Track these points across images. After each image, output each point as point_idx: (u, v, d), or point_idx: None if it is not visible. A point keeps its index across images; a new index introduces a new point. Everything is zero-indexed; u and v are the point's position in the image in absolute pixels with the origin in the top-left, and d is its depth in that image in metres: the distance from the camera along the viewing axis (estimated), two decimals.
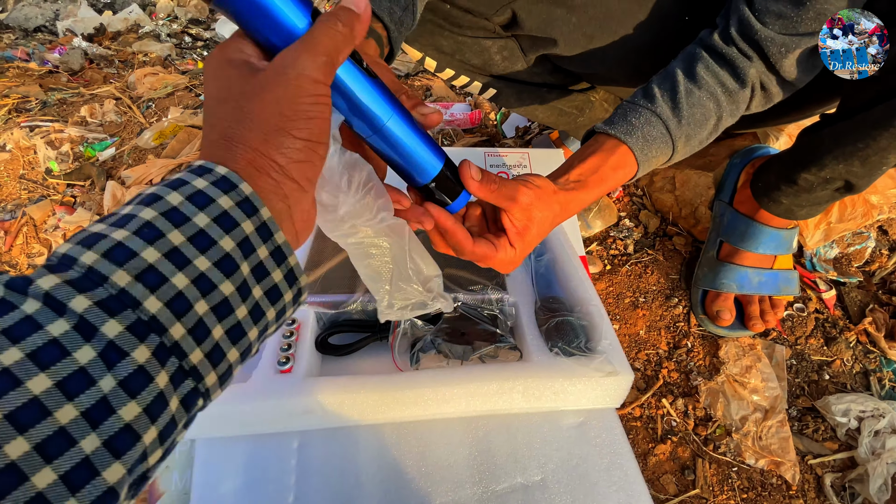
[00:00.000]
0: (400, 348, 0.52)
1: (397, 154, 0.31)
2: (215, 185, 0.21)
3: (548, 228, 0.43)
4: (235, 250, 0.20)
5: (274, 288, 0.22)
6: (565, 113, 0.83)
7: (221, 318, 0.19)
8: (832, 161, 0.57)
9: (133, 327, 0.17)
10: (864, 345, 0.73)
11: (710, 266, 0.74)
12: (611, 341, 0.48)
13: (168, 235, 0.19)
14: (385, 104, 0.29)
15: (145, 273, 0.18)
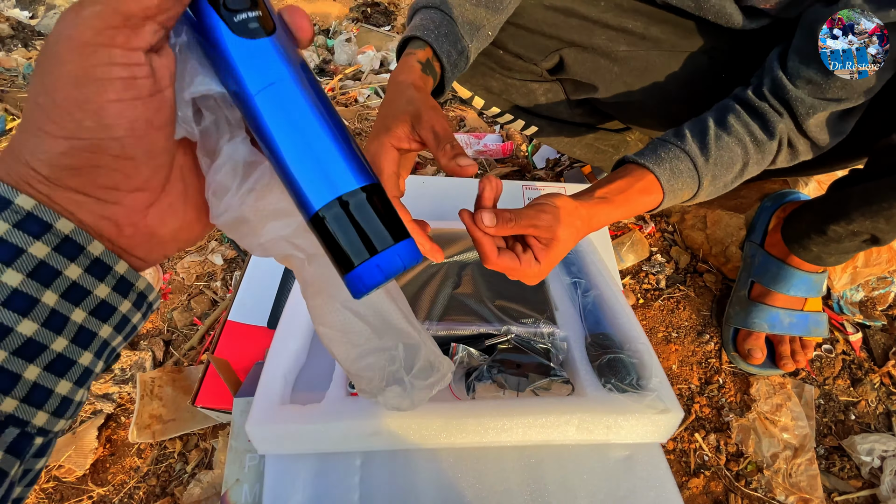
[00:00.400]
0: (456, 376, 0.55)
1: (270, 143, 0.20)
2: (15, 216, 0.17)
3: (573, 242, 0.46)
4: (25, 282, 0.17)
5: (102, 304, 0.20)
6: (601, 151, 0.87)
7: (32, 359, 0.18)
8: (859, 217, 0.61)
9: None
10: (888, 387, 0.76)
11: (742, 305, 0.78)
12: (661, 379, 0.51)
13: None
14: (274, 64, 0.19)
15: None
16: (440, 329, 0.58)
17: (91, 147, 0.18)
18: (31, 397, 0.18)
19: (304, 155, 0.20)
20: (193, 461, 0.75)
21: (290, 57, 0.20)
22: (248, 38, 0.19)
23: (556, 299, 0.63)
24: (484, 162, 1.16)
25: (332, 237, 0.20)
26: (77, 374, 0.20)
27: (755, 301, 0.76)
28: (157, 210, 0.21)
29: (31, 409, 0.18)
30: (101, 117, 0.17)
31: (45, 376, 0.19)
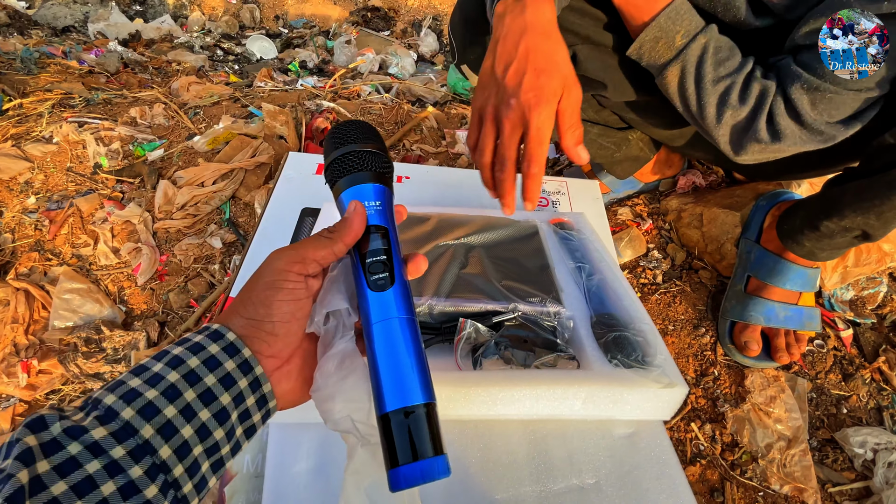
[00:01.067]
0: (463, 351, 0.56)
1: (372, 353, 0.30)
2: (224, 351, 0.28)
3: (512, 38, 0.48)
4: (231, 403, 0.27)
5: (252, 427, 0.30)
6: (604, 147, 0.89)
7: (210, 455, 0.27)
8: (851, 213, 0.63)
9: (149, 471, 0.24)
10: (878, 382, 0.78)
11: (738, 299, 0.79)
12: (665, 357, 0.52)
13: (185, 394, 0.26)
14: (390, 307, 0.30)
15: (164, 427, 0.25)
16: (448, 305, 0.58)
17: (256, 325, 0.30)
18: (191, 469, 0.26)
19: (392, 367, 0.28)
20: None
21: (404, 302, 0.30)
22: (377, 292, 0.30)
23: (562, 282, 0.63)
24: None
25: (391, 436, 0.27)
26: (214, 460, 0.27)
27: (751, 295, 0.78)
28: (279, 373, 0.31)
29: (187, 478, 0.26)
30: (268, 308, 0.30)
31: (202, 455, 0.26)
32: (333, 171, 0.34)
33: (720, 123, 0.58)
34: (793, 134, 0.55)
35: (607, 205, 1.02)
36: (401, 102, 1.31)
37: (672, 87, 0.60)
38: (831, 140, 0.56)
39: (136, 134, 1.21)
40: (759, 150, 0.58)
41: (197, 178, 0.99)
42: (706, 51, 0.56)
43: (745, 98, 0.56)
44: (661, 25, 0.56)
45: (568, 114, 0.48)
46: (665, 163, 0.98)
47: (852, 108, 0.53)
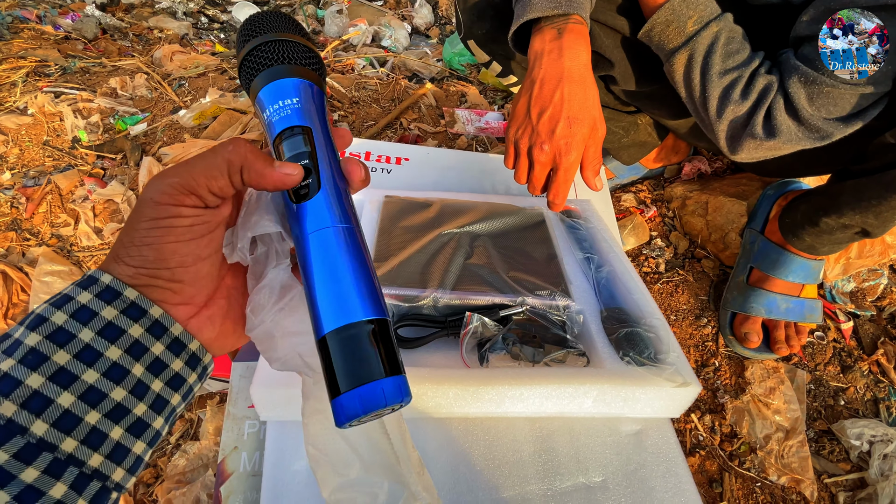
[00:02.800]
0: (468, 346, 0.54)
1: (307, 271, 0.24)
2: (99, 297, 0.22)
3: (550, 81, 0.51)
4: (123, 357, 0.22)
5: (175, 376, 0.24)
6: (612, 132, 0.86)
7: (118, 420, 0.21)
8: (850, 211, 0.62)
9: (20, 453, 0.19)
10: (876, 374, 0.78)
11: (740, 290, 0.78)
12: (678, 354, 0.50)
13: (53, 357, 0.20)
14: (322, 215, 0.25)
15: (30, 399, 0.19)
16: (454, 298, 0.56)
17: (150, 273, 0.23)
18: (114, 455, 0.21)
19: (329, 284, 0.23)
20: (177, 432, 0.71)
21: (337, 210, 0.25)
22: (301, 203, 0.25)
23: (570, 274, 0.61)
24: (485, 140, 1.14)
25: (329, 361, 0.22)
26: (150, 437, 0.23)
27: (753, 286, 0.77)
28: (197, 320, 0.26)
29: (112, 465, 0.21)
30: (160, 253, 0.23)
31: (126, 437, 0.22)
32: (246, 69, 0.28)
33: (721, 118, 0.56)
34: (788, 130, 0.54)
35: (611, 190, 1.00)
36: (397, 77, 1.25)
37: (678, 75, 0.58)
38: (828, 138, 0.54)
39: (116, 106, 1.14)
40: (755, 148, 0.56)
41: (183, 156, 0.94)
42: (717, 40, 0.53)
43: (747, 94, 0.54)
44: (675, 8, 0.53)
45: (591, 151, 0.53)
46: (671, 149, 0.95)
47: (850, 105, 0.51)
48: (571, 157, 0.52)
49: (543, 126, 0.51)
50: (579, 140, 0.51)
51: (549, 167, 0.53)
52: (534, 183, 0.55)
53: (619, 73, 0.69)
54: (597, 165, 0.55)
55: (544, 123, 0.51)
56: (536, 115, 0.52)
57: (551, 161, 0.53)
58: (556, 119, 0.51)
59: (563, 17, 0.51)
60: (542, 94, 0.51)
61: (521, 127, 0.54)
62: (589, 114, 0.51)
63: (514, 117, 0.55)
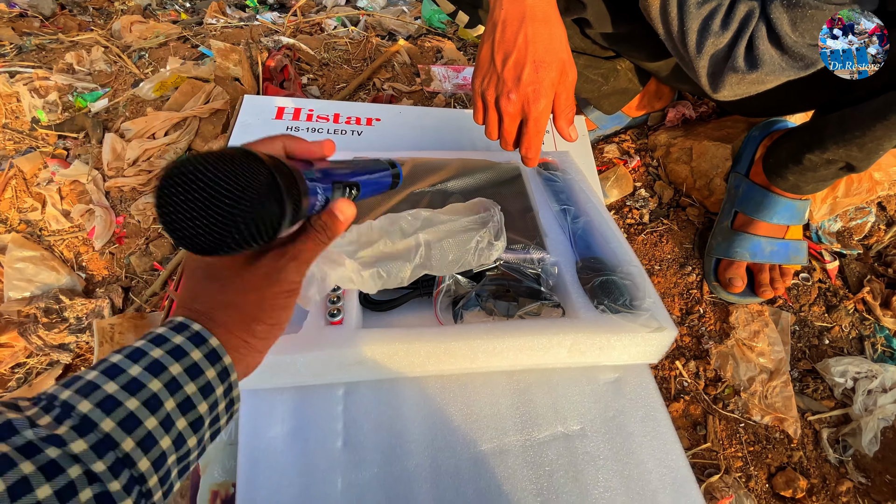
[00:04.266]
0: (443, 304, 0.53)
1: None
2: (206, 358, 0.27)
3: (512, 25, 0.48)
4: (207, 411, 0.27)
5: (218, 429, 0.29)
6: (590, 80, 0.82)
7: (178, 449, 0.26)
8: (834, 145, 0.60)
9: (112, 467, 0.22)
10: (861, 312, 0.78)
11: (724, 235, 0.77)
12: (654, 299, 0.49)
13: (165, 404, 0.25)
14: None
15: (145, 438, 0.24)
16: None
17: (280, 326, 0.31)
18: (163, 479, 0.25)
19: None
20: None
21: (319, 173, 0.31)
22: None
23: (546, 226, 0.60)
24: (464, 97, 1.10)
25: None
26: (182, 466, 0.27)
27: (738, 231, 0.76)
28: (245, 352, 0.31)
29: (159, 488, 0.25)
30: (287, 315, 0.31)
31: (174, 463, 0.26)
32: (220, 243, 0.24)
33: (701, 53, 0.53)
34: (772, 60, 0.50)
35: (593, 142, 0.96)
36: (368, 36, 1.19)
37: (654, 10, 0.54)
38: (812, 66, 0.51)
39: (74, 82, 1.09)
40: (737, 82, 0.53)
41: (147, 130, 0.90)
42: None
43: (727, 23, 0.51)
44: None
45: (563, 98, 0.50)
46: (654, 95, 0.92)
47: None
48: (541, 106, 0.48)
49: (509, 73, 0.48)
50: (548, 86, 0.48)
51: (519, 118, 0.50)
52: (505, 137, 0.52)
53: (592, 14, 0.65)
54: (570, 113, 0.52)
55: (509, 70, 0.47)
56: (501, 62, 0.48)
57: (520, 111, 0.49)
58: (521, 64, 0.47)
59: None
60: (504, 38, 0.48)
61: (485, 76, 0.50)
62: (556, 56, 0.48)
63: (479, 66, 0.51)
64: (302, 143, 0.31)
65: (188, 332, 0.27)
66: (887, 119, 0.51)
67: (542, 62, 0.47)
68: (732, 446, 0.67)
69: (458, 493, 0.44)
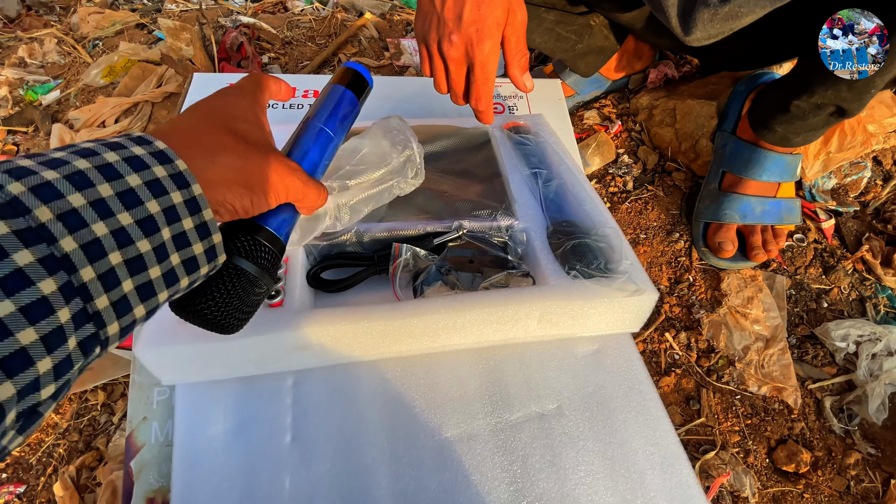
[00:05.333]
0: (401, 281, 0.48)
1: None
2: (153, 156, 0.22)
3: None
4: (160, 215, 0.21)
5: (192, 259, 0.23)
6: (563, 38, 0.77)
7: (134, 274, 0.20)
8: (821, 88, 0.55)
9: (44, 260, 0.17)
10: (861, 272, 0.73)
11: (712, 198, 0.72)
12: (632, 261, 0.45)
13: (98, 186, 0.19)
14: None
15: (67, 214, 0.18)
16: (380, 231, 0.49)
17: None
18: (118, 307, 0.19)
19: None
20: (119, 411, 0.66)
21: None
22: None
23: (515, 191, 0.55)
24: None
25: None
26: (151, 307, 0.21)
27: (726, 192, 0.71)
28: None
29: (112, 315, 0.19)
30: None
31: (133, 294, 0.20)
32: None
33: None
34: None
35: (573, 109, 0.91)
36: (334, 12, 1.13)
37: None
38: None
39: (25, 76, 1.03)
40: (709, 19, 0.48)
41: (95, 118, 0.85)
42: None
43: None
44: None
45: (513, 41, 0.46)
46: (633, 54, 0.86)
47: None
48: (486, 48, 0.43)
49: (449, 12, 0.43)
50: (492, 24, 0.43)
51: (465, 64, 0.45)
52: (453, 87, 0.47)
53: None
54: (522, 58, 0.47)
55: (449, 9, 0.43)
56: (441, 1, 0.43)
57: (464, 56, 0.44)
58: (461, 1, 0.42)
59: None
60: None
61: (426, 18, 0.45)
62: None
63: (419, 8, 0.46)
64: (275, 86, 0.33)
65: (150, 147, 0.22)
66: None
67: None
68: (728, 420, 0.62)
69: (420, 485, 0.40)
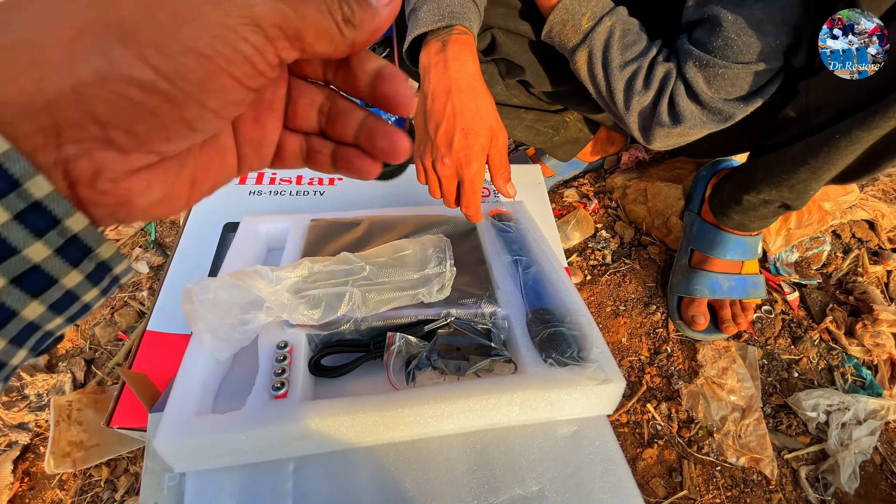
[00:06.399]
0: (395, 367, 0.52)
1: None
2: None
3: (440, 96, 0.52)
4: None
5: (66, 294, 0.16)
6: (541, 133, 0.86)
7: None
8: (766, 187, 0.63)
9: None
10: (827, 342, 0.78)
11: (684, 273, 0.78)
12: (601, 349, 0.49)
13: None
14: None
15: None
16: (376, 320, 0.54)
17: (168, 89, 0.14)
18: None
19: None
20: (122, 488, 0.68)
21: None
22: None
23: (498, 278, 0.60)
24: None
25: None
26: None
27: (695, 268, 0.77)
28: (151, 170, 0.16)
29: None
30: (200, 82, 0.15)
31: None
32: None
33: (629, 110, 0.57)
34: (692, 115, 0.54)
35: (553, 187, 0.99)
36: None
37: (583, 72, 0.58)
38: (731, 119, 0.54)
39: None
40: (665, 135, 0.57)
41: None
42: (612, 34, 0.54)
43: (649, 83, 0.54)
44: (568, 7, 0.54)
45: (496, 160, 0.54)
46: (606, 141, 0.95)
47: (747, 84, 0.51)
48: (473, 169, 0.51)
49: (441, 140, 0.51)
50: (478, 150, 0.51)
51: (455, 180, 0.53)
52: (446, 196, 0.55)
53: (531, 76, 0.69)
54: (505, 172, 0.55)
55: (441, 137, 0.51)
56: (433, 130, 0.52)
57: (455, 174, 0.53)
58: (451, 132, 0.50)
59: (447, 28, 0.51)
60: (434, 108, 0.51)
61: (421, 143, 0.54)
62: (484, 123, 0.51)
63: (416, 136, 0.55)
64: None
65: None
66: (807, 164, 0.54)
67: (471, 129, 0.50)
68: (710, 492, 0.65)
69: None
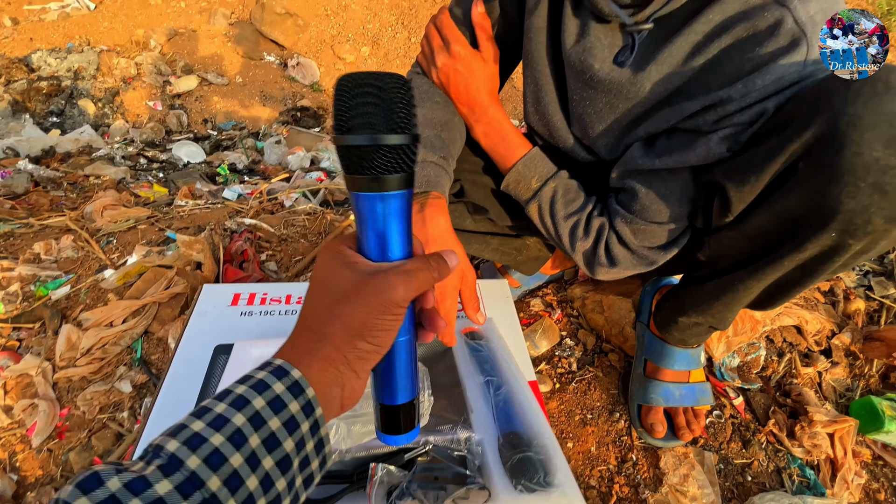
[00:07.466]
0: (377, 497, 0.56)
1: (387, 365, 0.36)
2: (289, 391, 0.28)
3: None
4: (293, 450, 0.28)
5: (311, 476, 0.29)
6: (507, 253, 0.98)
7: (266, 491, 0.26)
8: (694, 313, 0.73)
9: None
10: (773, 444, 0.85)
11: (640, 382, 0.86)
12: (564, 473, 0.55)
13: (249, 440, 0.26)
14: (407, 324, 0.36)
15: (231, 477, 0.24)
16: (358, 450, 0.59)
17: (378, 350, 0.32)
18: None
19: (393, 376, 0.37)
20: None
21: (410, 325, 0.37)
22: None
23: (472, 400, 0.67)
24: None
25: (386, 418, 0.38)
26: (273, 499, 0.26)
27: (650, 378, 0.85)
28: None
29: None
30: (388, 338, 0.33)
31: (258, 490, 0.26)
32: (349, 156, 0.32)
33: (574, 251, 0.68)
34: (625, 259, 0.66)
35: (520, 297, 1.09)
36: (324, 211, 1.36)
37: (535, 219, 0.70)
38: (655, 263, 0.66)
39: (38, 272, 1.16)
40: (606, 273, 0.68)
41: (105, 319, 0.96)
42: (556, 193, 0.67)
43: (588, 232, 0.66)
44: (520, 170, 0.67)
45: (467, 294, 0.62)
46: (563, 257, 1.08)
47: (664, 237, 0.64)
48: (447, 305, 0.60)
49: None
50: (451, 290, 0.60)
51: None
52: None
53: (494, 216, 0.81)
54: (474, 304, 0.64)
55: None
56: None
57: None
58: None
59: (424, 194, 0.63)
60: None
61: None
62: (456, 267, 0.61)
63: None
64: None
65: (271, 367, 0.29)
66: (719, 299, 0.65)
67: None
68: None
69: None
